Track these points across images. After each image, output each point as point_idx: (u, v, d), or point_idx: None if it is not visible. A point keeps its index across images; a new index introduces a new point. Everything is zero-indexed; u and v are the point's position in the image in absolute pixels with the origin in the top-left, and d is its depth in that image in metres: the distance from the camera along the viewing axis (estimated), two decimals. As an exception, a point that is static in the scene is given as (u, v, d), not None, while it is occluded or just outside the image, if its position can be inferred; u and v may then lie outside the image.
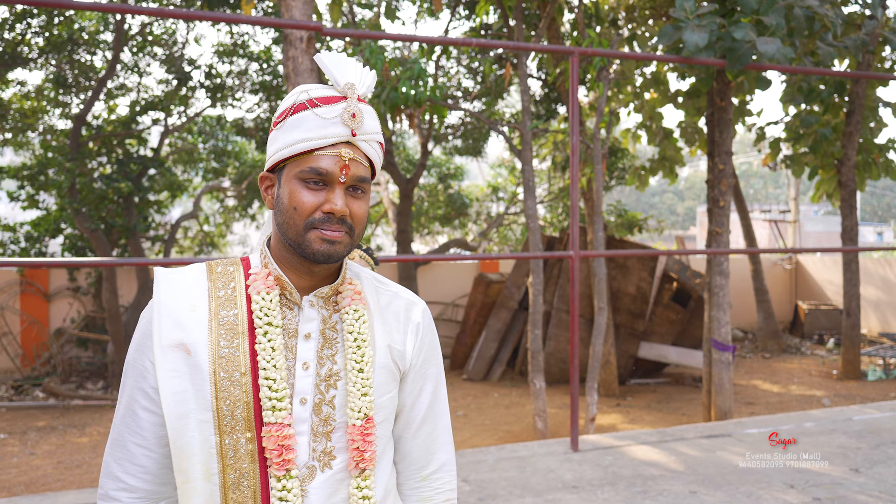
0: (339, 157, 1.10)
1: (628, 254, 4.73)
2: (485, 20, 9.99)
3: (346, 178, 1.10)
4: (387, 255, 16.31)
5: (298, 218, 1.09)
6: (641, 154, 19.93)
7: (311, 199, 1.09)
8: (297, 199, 1.09)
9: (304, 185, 1.10)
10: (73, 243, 10.45)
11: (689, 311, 9.20)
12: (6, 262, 3.26)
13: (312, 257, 1.10)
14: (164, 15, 3.64)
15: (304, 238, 1.10)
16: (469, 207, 15.56)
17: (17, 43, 9.46)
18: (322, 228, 1.09)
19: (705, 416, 6.62)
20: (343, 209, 1.09)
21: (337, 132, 1.10)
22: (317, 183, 1.10)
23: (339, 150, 1.10)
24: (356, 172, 1.12)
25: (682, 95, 8.39)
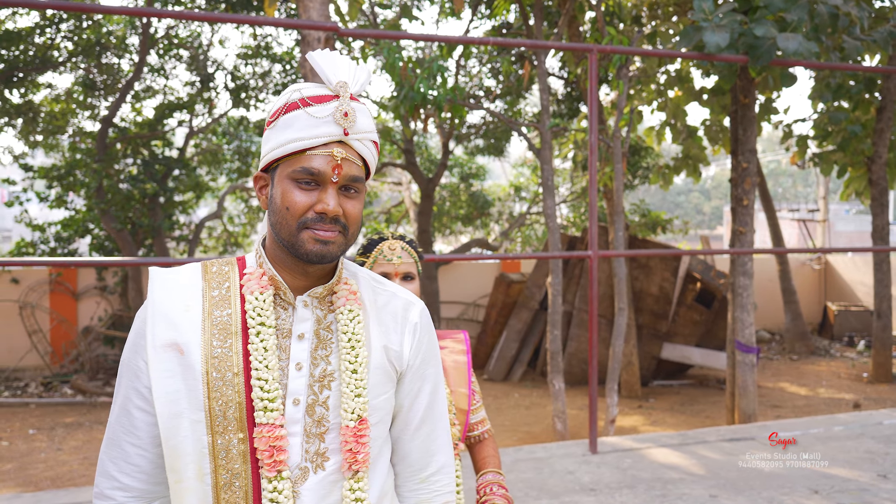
0: (332, 157, 1.08)
1: (648, 253, 4.67)
2: (505, 19, 9.95)
3: (338, 178, 1.09)
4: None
5: (291, 218, 1.08)
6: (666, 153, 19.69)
7: (304, 199, 1.08)
8: (290, 200, 1.08)
9: (297, 185, 1.09)
10: (101, 243, 10.65)
11: (713, 312, 9.06)
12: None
13: (306, 258, 1.10)
14: (183, 17, 3.68)
15: (297, 238, 1.09)
16: (491, 207, 15.51)
17: (47, 47, 9.67)
18: (315, 228, 1.08)
19: (729, 418, 6.51)
20: (336, 209, 1.08)
21: (329, 131, 1.08)
22: (309, 183, 1.09)
23: (332, 150, 1.09)
24: (349, 172, 1.10)
25: (706, 93, 8.26)
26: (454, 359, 1.91)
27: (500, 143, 13.27)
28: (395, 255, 1.80)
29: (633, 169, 11.83)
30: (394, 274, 1.79)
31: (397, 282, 1.77)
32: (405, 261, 1.81)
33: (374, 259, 1.80)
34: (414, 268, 1.83)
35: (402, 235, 1.88)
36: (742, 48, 4.86)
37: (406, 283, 1.80)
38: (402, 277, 1.80)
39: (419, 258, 1.89)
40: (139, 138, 10.72)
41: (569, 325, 9.17)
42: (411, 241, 1.89)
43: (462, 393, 1.87)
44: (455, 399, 1.86)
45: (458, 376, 1.89)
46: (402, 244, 1.84)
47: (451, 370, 1.89)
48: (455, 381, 1.88)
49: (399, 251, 1.81)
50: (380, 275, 1.65)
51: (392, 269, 1.79)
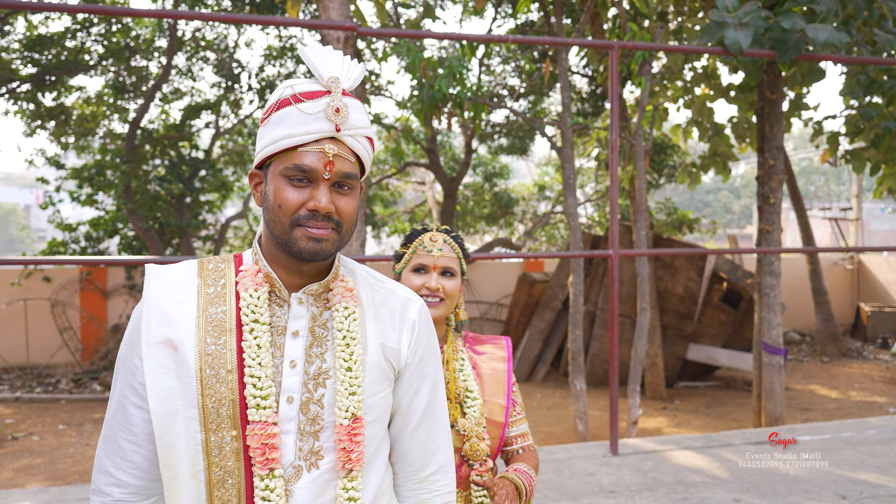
0: (323, 154, 1.07)
1: (670, 252, 4.60)
2: (528, 17, 9.90)
3: (330, 175, 1.08)
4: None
5: (284, 215, 1.08)
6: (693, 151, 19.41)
7: (296, 196, 1.07)
8: (282, 197, 1.08)
9: (289, 182, 1.08)
10: (129, 243, 10.85)
11: (739, 313, 8.89)
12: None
13: (299, 255, 1.09)
14: (203, 18, 3.72)
15: (290, 235, 1.08)
16: (515, 206, 15.44)
17: (78, 51, 9.87)
18: (307, 226, 1.08)
19: (755, 421, 6.38)
20: (328, 206, 1.07)
21: (320, 128, 1.07)
22: (301, 180, 1.08)
23: (323, 146, 1.07)
24: (341, 169, 1.09)
25: (734, 89, 8.10)
26: (493, 366, 1.78)
27: (523, 143, 13.21)
28: (436, 247, 1.70)
29: (658, 167, 11.68)
30: (432, 267, 1.69)
31: (434, 276, 1.68)
32: (446, 255, 1.71)
33: (414, 250, 1.71)
34: (456, 264, 1.73)
35: (448, 229, 1.78)
36: (768, 43, 4.75)
37: (445, 280, 1.70)
38: (440, 272, 1.70)
39: (464, 256, 1.78)
40: (166, 139, 10.89)
41: (592, 325, 9.08)
42: (456, 236, 1.78)
43: (499, 405, 1.73)
44: (489, 410, 1.72)
45: (496, 386, 1.75)
46: (446, 237, 1.74)
47: (487, 378, 1.75)
48: (492, 390, 1.74)
49: (441, 244, 1.71)
50: (417, 267, 1.68)
51: (431, 262, 1.69)
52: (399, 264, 1.75)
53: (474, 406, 1.68)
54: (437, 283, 1.68)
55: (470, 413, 1.67)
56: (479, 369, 1.76)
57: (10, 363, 9.80)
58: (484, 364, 1.78)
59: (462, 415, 1.68)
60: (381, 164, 14.03)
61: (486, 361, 1.79)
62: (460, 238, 1.79)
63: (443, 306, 1.69)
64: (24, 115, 10.30)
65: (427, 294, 1.68)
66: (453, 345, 1.76)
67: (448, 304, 1.70)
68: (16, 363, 9.83)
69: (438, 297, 1.68)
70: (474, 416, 1.67)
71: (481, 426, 1.67)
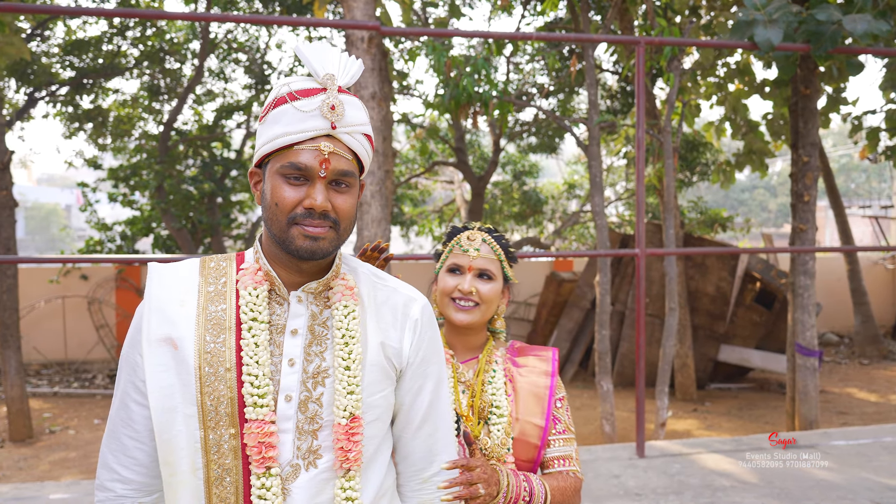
0: (319, 152, 1.07)
1: (698, 251, 4.51)
2: (556, 15, 9.81)
3: (326, 173, 1.07)
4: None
5: (281, 214, 1.08)
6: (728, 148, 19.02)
7: (293, 194, 1.07)
8: (279, 195, 1.07)
9: (286, 180, 1.08)
10: (163, 241, 11.07)
11: (773, 313, 8.68)
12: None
13: (296, 253, 1.09)
14: (226, 20, 3.77)
15: (287, 234, 1.08)
16: (544, 205, 15.33)
17: (114, 54, 10.12)
18: (304, 224, 1.07)
19: (789, 425, 6.23)
20: (323, 204, 1.06)
21: (315, 125, 1.07)
22: (298, 178, 1.07)
23: (319, 144, 1.07)
24: (337, 166, 1.08)
25: (769, 85, 7.91)
26: (532, 381, 1.59)
27: (552, 141, 13.10)
28: (473, 246, 1.56)
29: (690, 165, 11.47)
30: (467, 268, 1.56)
31: (469, 278, 1.54)
32: (483, 255, 1.56)
33: (451, 249, 1.59)
34: (494, 266, 1.57)
35: (491, 228, 1.64)
36: (802, 36, 4.62)
37: (480, 283, 1.55)
38: (476, 274, 1.56)
39: (508, 258, 1.62)
40: (199, 140, 11.09)
41: (621, 325, 8.97)
42: (500, 235, 1.63)
43: (533, 424, 1.54)
44: (520, 430, 1.54)
45: (533, 403, 1.56)
46: (486, 236, 1.59)
47: (523, 394, 1.57)
48: (526, 408, 1.56)
49: (478, 243, 1.57)
50: (452, 267, 1.56)
51: (466, 262, 1.56)
52: (437, 264, 1.64)
53: (499, 424, 1.52)
54: (471, 286, 1.54)
55: (494, 431, 1.51)
56: (515, 383, 1.59)
57: (48, 359, 10.09)
58: (522, 378, 1.60)
59: (487, 432, 1.52)
60: (409, 163, 14.07)
61: (524, 375, 1.60)
62: (504, 238, 1.64)
63: (477, 312, 1.55)
64: (63, 118, 10.59)
65: (459, 297, 1.55)
66: (489, 355, 1.61)
67: (484, 310, 1.56)
68: (54, 359, 10.12)
69: (472, 301, 1.54)
70: (498, 435, 1.51)
71: (505, 447, 1.51)
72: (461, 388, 1.57)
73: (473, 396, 1.55)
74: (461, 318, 1.54)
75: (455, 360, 1.60)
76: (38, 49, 9.80)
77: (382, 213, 4.73)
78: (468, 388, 1.56)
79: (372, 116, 4.58)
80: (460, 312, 1.54)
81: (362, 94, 4.54)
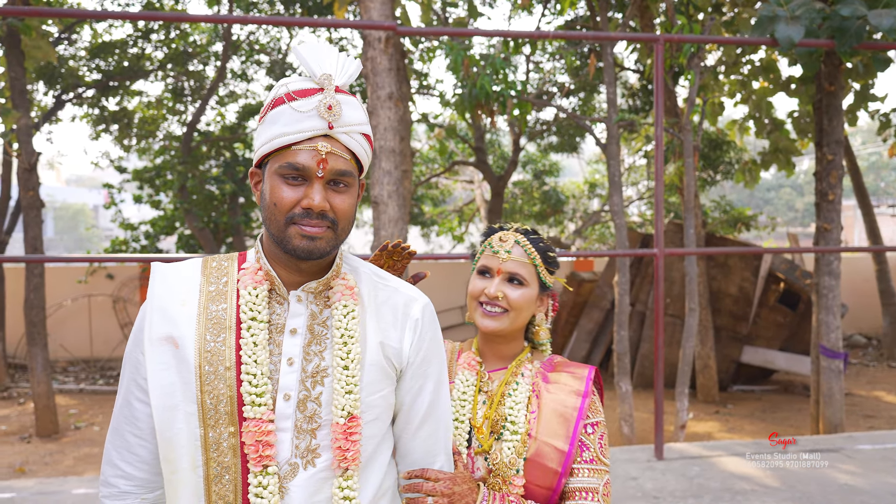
0: (316, 152, 1.07)
1: (717, 251, 4.45)
2: (577, 13, 9.74)
3: (323, 173, 1.08)
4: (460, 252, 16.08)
5: (279, 213, 1.08)
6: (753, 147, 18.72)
7: (291, 194, 1.08)
8: (277, 195, 1.08)
9: (284, 180, 1.08)
10: (186, 241, 11.23)
11: (798, 314, 8.53)
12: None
13: (294, 253, 1.09)
14: (248, 22, 3.80)
15: (285, 233, 1.09)
16: (565, 205, 15.25)
17: (139, 57, 10.28)
18: (301, 224, 1.08)
19: (813, 428, 6.12)
20: (321, 204, 1.07)
21: (312, 125, 1.07)
22: (296, 178, 1.08)
23: (316, 144, 1.07)
24: (335, 166, 1.09)
25: (794, 82, 7.77)
26: (559, 400, 1.44)
27: (573, 140, 13.03)
28: (504, 247, 1.46)
29: (714, 164, 11.31)
30: (496, 271, 1.45)
31: (496, 282, 1.44)
32: (515, 258, 1.45)
33: (483, 249, 1.50)
34: (527, 271, 1.45)
35: (529, 230, 1.53)
36: (826, 32, 4.54)
37: (509, 287, 1.44)
38: (506, 278, 1.45)
39: (546, 263, 1.49)
40: (222, 141, 11.22)
41: (642, 325, 8.89)
42: (537, 238, 1.51)
43: (553, 447, 1.39)
44: (537, 451, 1.39)
45: (557, 424, 1.41)
46: (519, 237, 1.48)
47: (546, 413, 1.42)
48: (548, 428, 1.40)
49: (510, 244, 1.46)
50: (482, 269, 1.47)
51: (495, 265, 1.46)
52: (473, 264, 1.54)
53: (511, 441, 1.40)
54: (498, 290, 1.43)
55: (504, 448, 1.40)
56: (540, 400, 1.44)
57: (75, 356, 10.29)
58: (548, 395, 1.44)
59: (499, 448, 1.41)
60: (430, 163, 14.09)
61: (552, 392, 1.45)
62: (543, 242, 1.51)
63: (505, 319, 1.44)
64: (89, 120, 10.79)
65: (487, 302, 1.45)
66: (519, 366, 1.49)
67: (512, 318, 1.44)
68: (80, 356, 10.32)
69: (499, 306, 1.44)
70: (507, 453, 1.39)
71: (513, 468, 1.38)
72: (482, 398, 1.47)
73: (489, 407, 1.45)
74: (487, 324, 1.44)
75: (483, 368, 1.51)
76: (66, 52, 10.00)
77: (399, 212, 4.74)
78: (489, 399, 1.46)
79: (388, 116, 4.59)
80: (486, 318, 1.45)
81: (379, 95, 4.55)
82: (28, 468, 5.94)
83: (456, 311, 11.62)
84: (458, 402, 1.45)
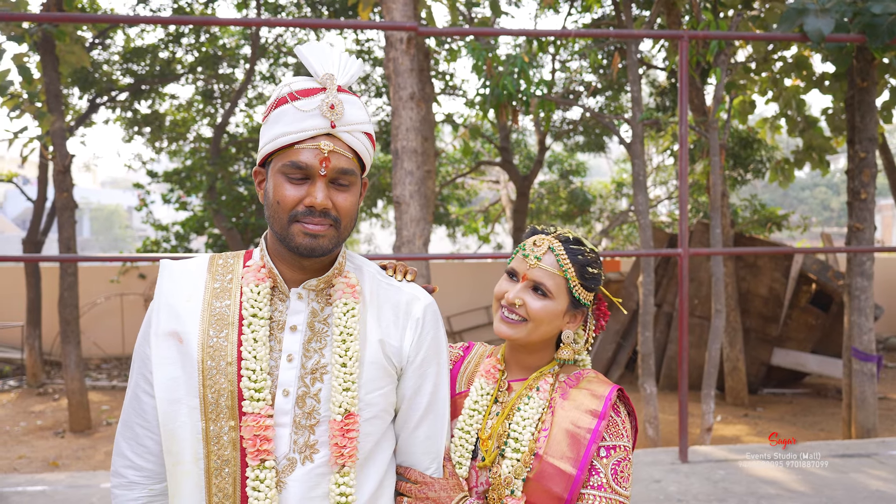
0: (319, 150, 1.08)
1: (743, 251, 4.37)
2: (603, 12, 9.66)
3: (326, 171, 1.09)
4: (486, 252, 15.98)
5: (282, 211, 1.10)
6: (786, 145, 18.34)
7: (294, 192, 1.09)
8: (280, 194, 1.10)
9: (287, 178, 1.10)
10: (216, 241, 11.42)
11: (830, 316, 8.33)
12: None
13: (297, 251, 1.11)
14: (273, 24, 3.85)
15: (287, 231, 1.10)
16: (592, 205, 15.12)
17: (170, 61, 10.49)
18: (304, 222, 1.09)
19: (845, 432, 5.97)
20: (324, 202, 1.08)
21: (315, 124, 1.08)
22: (298, 177, 1.10)
23: (319, 143, 1.09)
24: (337, 165, 1.10)
25: (828, 78, 7.60)
26: (572, 418, 1.31)
27: (599, 139, 12.92)
28: (535, 253, 1.34)
29: (744, 163, 11.11)
30: (522, 276, 1.34)
31: (518, 288, 1.33)
32: (544, 266, 1.33)
33: (517, 250, 1.39)
34: (554, 282, 1.33)
35: (571, 238, 1.39)
36: (857, 27, 4.43)
37: (531, 296, 1.33)
38: (531, 286, 1.34)
39: (581, 278, 1.35)
40: (250, 142, 11.38)
41: (669, 326, 8.77)
42: (577, 250, 1.37)
43: (560, 470, 1.27)
44: (540, 470, 1.28)
45: (567, 445, 1.29)
46: (555, 244, 1.35)
47: (556, 432, 1.31)
48: (557, 448, 1.29)
49: (543, 250, 1.34)
50: (510, 271, 1.37)
51: (522, 269, 1.35)
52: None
53: (511, 459, 1.30)
54: (518, 297, 1.33)
55: (504, 465, 1.31)
56: (554, 418, 1.33)
57: (107, 354, 10.53)
58: (562, 412, 1.33)
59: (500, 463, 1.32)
60: (456, 163, 14.09)
61: (567, 410, 1.33)
62: (585, 254, 1.37)
63: (521, 328, 1.33)
64: (122, 123, 11.05)
65: (505, 306, 1.35)
66: (537, 380, 1.39)
67: (530, 329, 1.33)
68: (112, 354, 10.56)
69: (517, 314, 1.33)
70: (505, 471, 1.30)
71: (508, 487, 1.28)
72: (497, 408, 1.38)
73: (498, 416, 1.37)
74: (502, 329, 1.35)
75: (505, 377, 1.42)
76: (99, 57, 10.24)
77: (422, 212, 4.75)
78: (502, 411, 1.38)
79: (410, 117, 4.61)
80: (502, 324, 1.35)
81: (401, 95, 4.57)
82: (61, 462, 6.10)
83: (480, 311, 11.62)
84: (468, 411, 1.36)
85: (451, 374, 1.44)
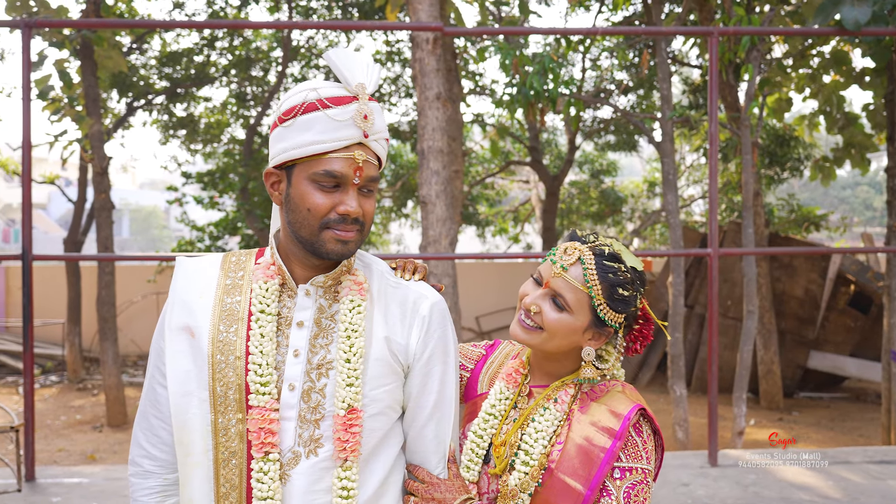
0: (353, 160, 1.11)
1: (776, 251, 4.28)
2: (635, 9, 9.55)
3: (359, 180, 1.12)
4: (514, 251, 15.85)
5: (313, 219, 1.12)
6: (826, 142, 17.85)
7: (325, 201, 1.11)
8: (311, 202, 1.11)
9: (318, 186, 1.11)
10: (249, 241, 11.61)
11: (870, 318, 8.10)
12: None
13: (327, 256, 1.14)
14: (301, 27, 3.91)
15: (318, 238, 1.13)
16: (623, 204, 14.95)
17: (205, 64, 10.71)
18: (336, 229, 1.12)
19: (884, 438, 5.80)
20: (358, 210, 1.12)
21: (349, 134, 1.10)
22: (331, 185, 1.12)
23: (353, 153, 1.11)
24: (368, 173, 1.13)
25: (869, 74, 7.38)
26: (587, 435, 1.25)
27: (631, 138, 12.77)
28: (563, 261, 1.27)
29: (780, 161, 10.86)
30: (544, 283, 1.28)
31: (539, 294, 1.28)
32: (568, 277, 1.26)
33: (550, 253, 1.32)
34: (575, 297, 1.25)
35: (605, 251, 1.28)
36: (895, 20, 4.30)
37: (548, 305, 1.27)
38: (550, 294, 1.28)
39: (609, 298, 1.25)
40: (281, 144, 11.53)
41: (701, 328, 8.63)
42: (609, 267, 1.26)
43: (570, 487, 1.22)
44: (552, 487, 1.24)
45: (579, 462, 1.23)
46: (587, 256, 1.26)
47: (570, 448, 1.25)
48: (568, 464, 1.24)
49: (572, 260, 1.26)
50: (537, 273, 1.32)
51: (547, 276, 1.28)
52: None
53: (520, 472, 1.26)
54: (534, 303, 1.28)
55: (512, 477, 1.27)
56: (570, 432, 1.27)
57: (144, 351, 10.79)
58: (577, 426, 1.27)
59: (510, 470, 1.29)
60: (486, 163, 14.08)
61: (583, 424, 1.27)
62: (619, 272, 1.26)
63: (535, 336, 1.28)
64: (159, 125, 11.32)
65: (524, 308, 1.31)
66: (557, 390, 1.33)
67: (544, 338, 1.28)
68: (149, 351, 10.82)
69: (533, 320, 1.28)
70: (513, 484, 1.26)
71: (516, 499, 1.25)
72: (514, 414, 1.34)
73: (513, 424, 1.33)
74: (517, 332, 1.31)
75: (527, 381, 1.37)
76: (137, 61, 10.50)
77: (448, 212, 4.76)
78: (519, 418, 1.33)
79: (436, 117, 4.62)
80: (517, 326, 1.31)
81: (427, 95, 4.59)
82: (99, 456, 6.28)
83: (508, 312, 11.58)
84: (484, 415, 1.33)
85: (473, 374, 1.44)
